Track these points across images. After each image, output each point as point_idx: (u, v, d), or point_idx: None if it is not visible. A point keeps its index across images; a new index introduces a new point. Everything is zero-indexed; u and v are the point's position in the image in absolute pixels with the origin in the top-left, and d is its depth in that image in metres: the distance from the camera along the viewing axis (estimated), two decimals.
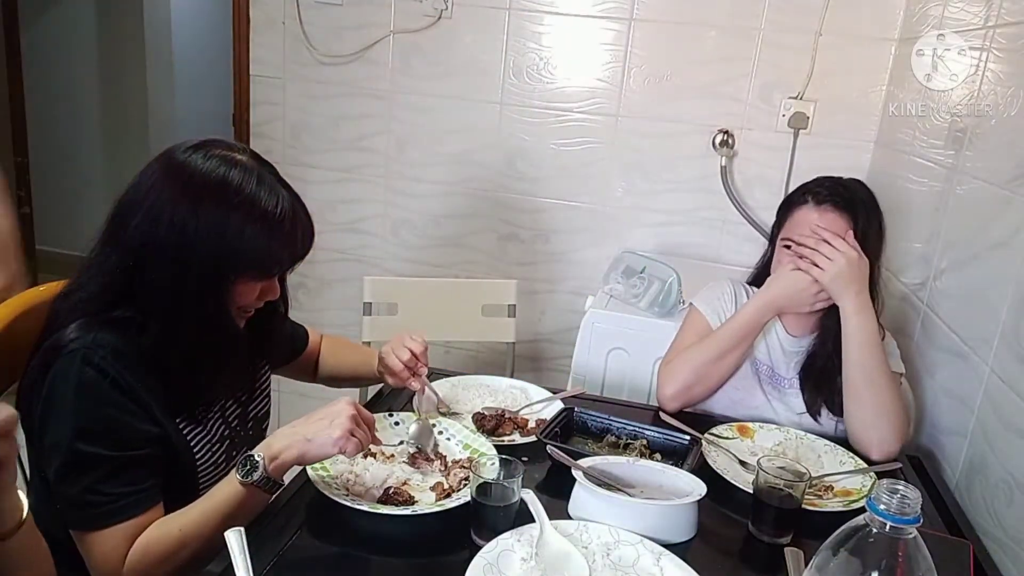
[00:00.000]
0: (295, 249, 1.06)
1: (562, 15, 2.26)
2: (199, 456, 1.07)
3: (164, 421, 1.01)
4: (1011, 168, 1.30)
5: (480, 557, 0.91)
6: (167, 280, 0.98)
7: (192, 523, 0.97)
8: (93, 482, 0.95)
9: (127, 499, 0.96)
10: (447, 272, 2.55)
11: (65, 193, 4.18)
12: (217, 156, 1.00)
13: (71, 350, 0.95)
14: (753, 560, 1.06)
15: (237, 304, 1.05)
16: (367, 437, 1.03)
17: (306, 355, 1.45)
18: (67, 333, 0.97)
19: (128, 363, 0.97)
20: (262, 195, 1.00)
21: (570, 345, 1.98)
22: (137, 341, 0.99)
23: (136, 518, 0.96)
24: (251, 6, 2.46)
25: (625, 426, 1.31)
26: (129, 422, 0.97)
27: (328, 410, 1.02)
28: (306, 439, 0.99)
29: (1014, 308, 1.21)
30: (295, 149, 2.56)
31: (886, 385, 1.31)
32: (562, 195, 2.40)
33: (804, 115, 2.17)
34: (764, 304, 1.41)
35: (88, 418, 0.94)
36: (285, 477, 1.03)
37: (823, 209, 1.38)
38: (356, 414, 1.02)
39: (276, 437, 1.01)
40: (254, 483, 0.97)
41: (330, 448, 0.99)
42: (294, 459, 0.99)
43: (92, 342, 0.96)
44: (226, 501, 0.97)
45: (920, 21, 1.89)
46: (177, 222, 0.97)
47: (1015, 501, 1.13)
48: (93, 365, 0.95)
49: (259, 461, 0.97)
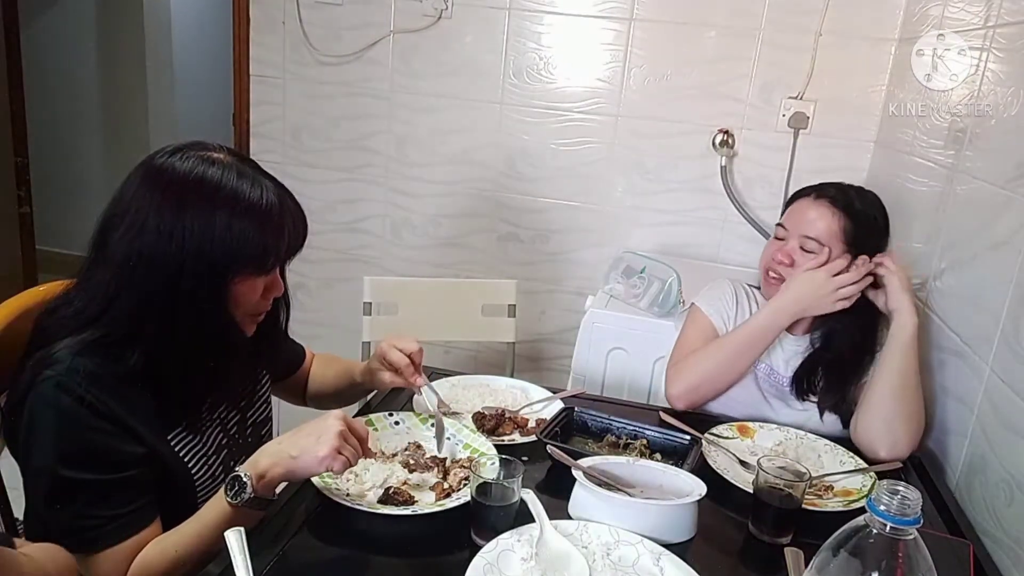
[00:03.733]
0: (288, 239, 1.04)
1: (562, 15, 2.26)
2: (195, 469, 1.05)
3: (153, 440, 0.99)
4: (1011, 168, 1.30)
5: (480, 557, 0.91)
6: (160, 289, 0.95)
7: (186, 543, 0.96)
8: (82, 507, 0.93)
9: (119, 521, 0.95)
10: (447, 272, 2.55)
11: (65, 193, 4.18)
12: (194, 157, 0.98)
13: (46, 377, 0.93)
14: (753, 560, 1.06)
15: (241, 306, 1.03)
16: (356, 453, 1.00)
17: (300, 373, 1.43)
18: (47, 355, 0.95)
19: (107, 386, 0.95)
20: (244, 188, 0.98)
21: (570, 345, 1.98)
22: (119, 362, 0.96)
23: (131, 538, 0.95)
24: (251, 6, 2.46)
25: (625, 426, 1.31)
26: (112, 445, 0.95)
27: (316, 425, 0.99)
28: (291, 457, 0.97)
29: (1014, 308, 1.21)
30: (295, 149, 2.56)
31: (916, 390, 1.34)
32: (562, 195, 2.40)
33: (804, 115, 2.17)
34: (785, 306, 1.40)
35: (69, 444, 0.93)
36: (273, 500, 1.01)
37: (819, 204, 1.41)
38: (345, 429, 0.99)
39: (262, 454, 0.99)
40: (242, 504, 0.95)
41: (316, 467, 0.97)
42: (280, 476, 0.98)
43: (68, 368, 0.93)
44: (217, 520, 0.96)
45: (920, 21, 1.89)
46: (164, 229, 0.94)
47: (1015, 501, 1.13)
48: (69, 392, 0.92)
49: (247, 482, 0.95)
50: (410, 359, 1.27)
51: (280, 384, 1.39)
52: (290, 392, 1.45)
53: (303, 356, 1.44)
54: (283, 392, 1.42)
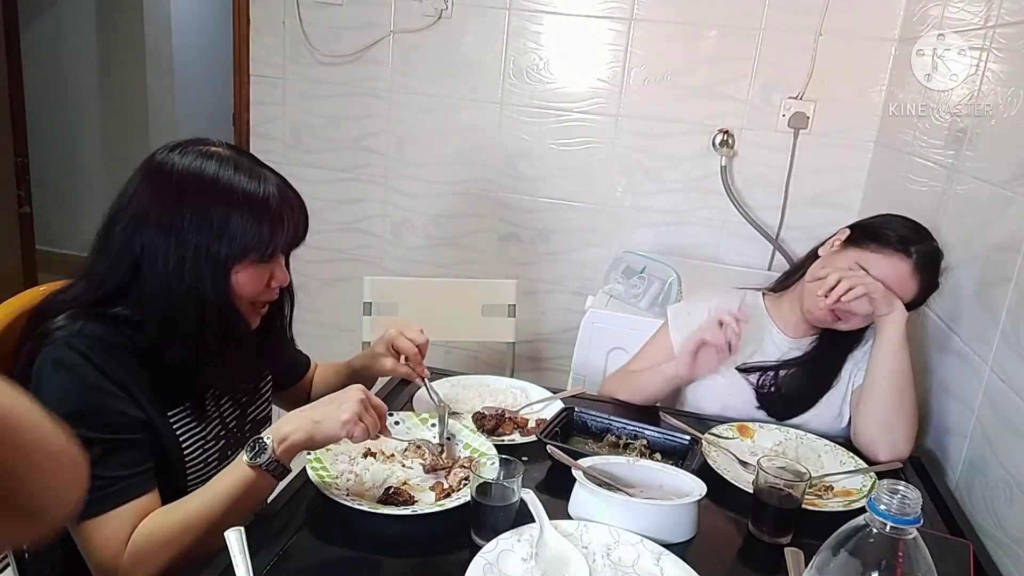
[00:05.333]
0: (288, 229, 1.06)
1: (562, 15, 2.26)
2: (188, 452, 1.06)
3: (153, 413, 1.01)
4: (1011, 168, 1.30)
5: (480, 557, 0.91)
6: (162, 280, 0.98)
7: (197, 507, 0.96)
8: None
9: (122, 482, 0.95)
10: (447, 272, 2.55)
11: (65, 193, 4.18)
12: (193, 152, 1.02)
13: (55, 338, 0.96)
14: (753, 560, 1.06)
15: (245, 295, 1.05)
16: (375, 424, 1.02)
17: (304, 382, 1.44)
18: (55, 322, 0.98)
19: (114, 354, 0.97)
20: (242, 180, 1.01)
21: (570, 345, 1.98)
22: (128, 336, 0.99)
23: (133, 501, 0.95)
24: (251, 6, 2.46)
25: (625, 426, 1.31)
26: (116, 406, 0.96)
27: (339, 394, 1.02)
28: (314, 421, 0.99)
29: (1014, 308, 1.21)
30: (295, 149, 2.56)
31: (909, 390, 1.33)
32: (562, 195, 2.40)
33: (804, 115, 2.17)
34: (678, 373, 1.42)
35: (75, 401, 0.94)
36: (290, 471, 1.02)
37: (915, 277, 1.34)
38: (366, 399, 1.02)
39: (285, 420, 1.01)
40: (262, 465, 0.96)
41: (338, 430, 0.99)
42: (302, 441, 0.99)
43: (78, 331, 0.96)
44: (233, 484, 0.97)
45: (920, 21, 1.89)
46: (164, 222, 0.98)
47: (1015, 501, 1.13)
48: (77, 350, 0.95)
49: (268, 443, 0.97)
50: (418, 349, 1.30)
51: (283, 394, 1.40)
52: (292, 402, 1.43)
53: (307, 366, 1.45)
54: (285, 402, 1.41)
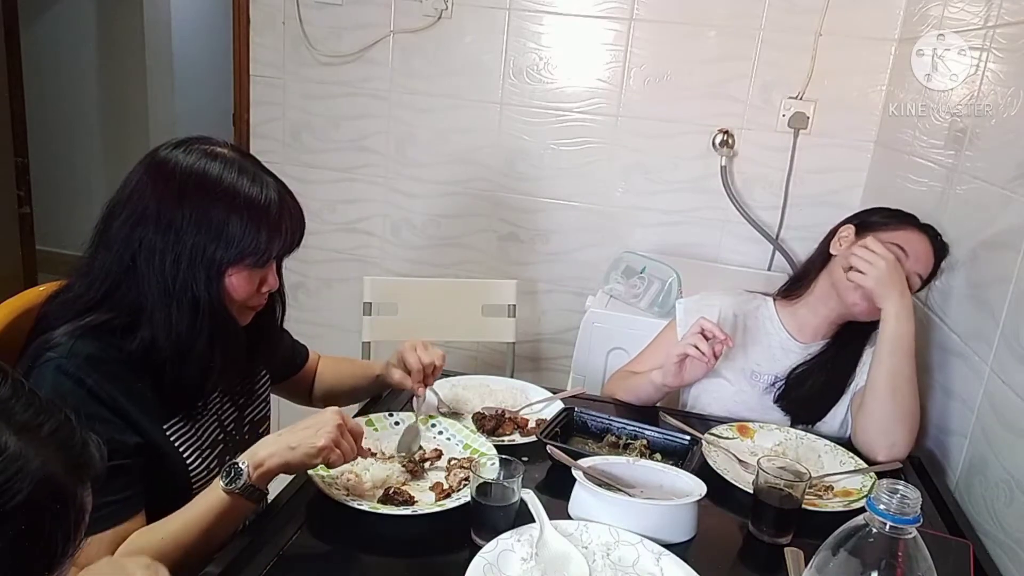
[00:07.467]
0: (285, 236, 1.05)
1: (562, 15, 2.26)
2: (190, 461, 1.06)
3: (150, 429, 1.00)
4: (1011, 168, 1.30)
5: (480, 557, 0.91)
6: (158, 277, 0.98)
7: (174, 532, 0.96)
8: None
9: (107, 509, 0.94)
10: (447, 272, 2.55)
11: (65, 193, 4.18)
12: (198, 150, 1.01)
13: (47, 359, 0.95)
14: (753, 560, 1.06)
15: (236, 298, 1.04)
16: (352, 449, 1.02)
17: (304, 372, 1.44)
18: (48, 339, 0.96)
19: (108, 371, 0.96)
20: (244, 184, 1.00)
21: (570, 345, 1.98)
22: (120, 346, 0.98)
23: (115, 528, 0.95)
24: (251, 6, 2.46)
25: (625, 426, 1.31)
26: (107, 432, 0.95)
27: (314, 419, 1.01)
28: (289, 447, 0.98)
29: (1014, 308, 1.21)
30: (295, 149, 2.56)
31: (911, 392, 1.32)
32: (562, 195, 2.40)
33: (804, 115, 2.16)
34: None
35: None
36: (274, 485, 1.01)
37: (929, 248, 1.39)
38: (343, 423, 1.01)
39: (261, 445, 1.00)
40: (237, 491, 0.95)
41: (314, 457, 0.98)
42: (278, 467, 0.98)
43: (69, 351, 0.95)
44: (209, 509, 0.96)
45: (920, 21, 1.89)
46: (163, 218, 0.98)
47: (1015, 501, 1.13)
48: (69, 375, 0.94)
49: (243, 468, 0.96)
50: (424, 368, 1.31)
51: (282, 384, 1.40)
52: (294, 392, 1.46)
53: (306, 357, 1.45)
54: (286, 392, 1.43)
